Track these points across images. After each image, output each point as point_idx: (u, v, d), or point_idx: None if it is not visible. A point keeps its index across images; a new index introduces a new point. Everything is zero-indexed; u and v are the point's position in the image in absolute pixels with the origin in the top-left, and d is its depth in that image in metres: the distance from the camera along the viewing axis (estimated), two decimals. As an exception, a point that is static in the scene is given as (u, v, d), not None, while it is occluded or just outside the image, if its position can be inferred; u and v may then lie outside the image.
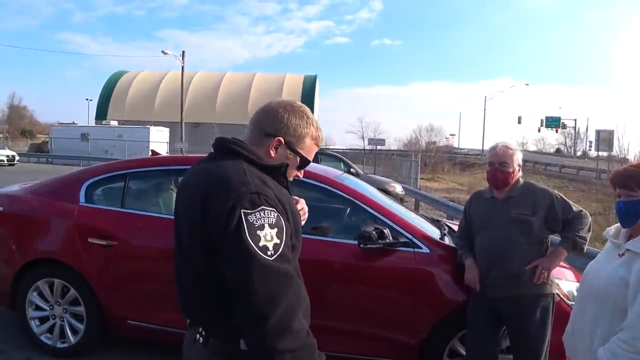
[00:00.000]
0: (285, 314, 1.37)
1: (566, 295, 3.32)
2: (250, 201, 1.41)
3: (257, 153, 1.58)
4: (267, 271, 1.37)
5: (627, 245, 2.04)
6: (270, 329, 1.35)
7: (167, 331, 3.62)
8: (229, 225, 1.39)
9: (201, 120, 41.72)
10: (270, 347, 1.35)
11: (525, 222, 2.91)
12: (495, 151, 3.01)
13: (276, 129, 1.61)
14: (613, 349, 1.94)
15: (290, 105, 1.65)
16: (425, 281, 3.38)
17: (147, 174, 4.21)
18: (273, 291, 1.37)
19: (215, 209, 1.42)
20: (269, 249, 1.38)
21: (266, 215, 1.41)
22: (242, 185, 1.44)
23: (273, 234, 1.40)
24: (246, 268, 1.37)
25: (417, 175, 23.52)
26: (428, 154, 43.14)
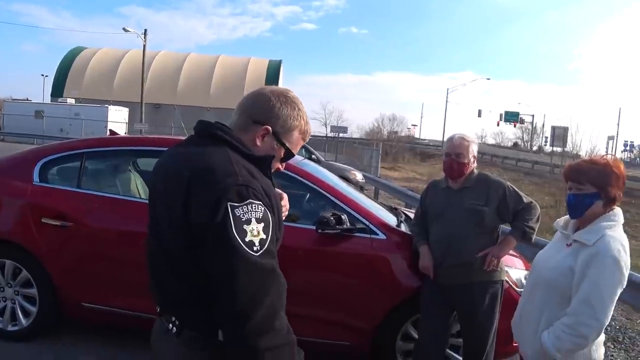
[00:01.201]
0: (268, 313, 1.34)
1: (515, 282, 3.45)
2: (238, 194, 1.34)
3: (243, 141, 1.51)
4: (253, 268, 1.33)
5: (575, 236, 2.14)
6: (253, 328, 1.32)
7: (124, 314, 3.60)
8: (214, 218, 1.32)
9: (162, 101, 40.83)
10: (251, 346, 1.32)
11: (478, 212, 3.00)
12: (452, 142, 3.09)
13: (266, 118, 1.54)
14: (557, 333, 2.05)
15: (284, 95, 1.58)
16: (381, 267, 3.46)
17: (105, 154, 4.12)
18: (257, 289, 1.33)
19: (199, 200, 1.36)
20: (255, 245, 1.33)
21: (253, 209, 1.35)
22: (229, 176, 1.37)
23: (260, 229, 1.35)
24: (231, 264, 1.32)
25: (377, 164, 23.76)
26: (389, 144, 43.49)
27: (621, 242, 2.04)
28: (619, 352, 4.73)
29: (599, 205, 2.11)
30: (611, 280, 1.99)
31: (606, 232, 2.06)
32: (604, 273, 1.98)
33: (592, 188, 2.11)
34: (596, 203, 2.11)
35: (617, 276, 1.99)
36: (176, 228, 1.41)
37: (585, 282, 2.01)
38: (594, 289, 1.99)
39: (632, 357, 4.64)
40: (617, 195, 2.12)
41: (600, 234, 2.05)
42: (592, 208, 2.12)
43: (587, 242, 2.06)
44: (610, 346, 4.81)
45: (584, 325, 2.00)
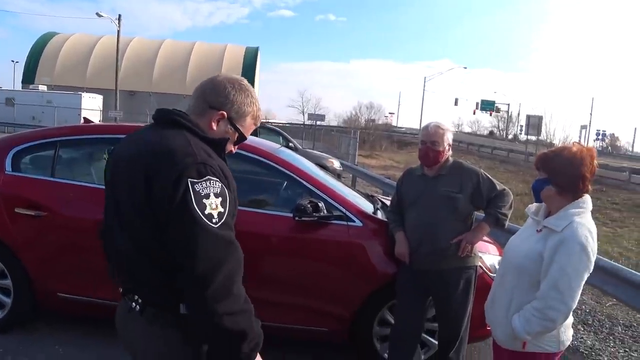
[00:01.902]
0: (226, 280, 1.43)
1: (489, 268, 3.53)
2: (197, 171, 1.45)
3: (199, 124, 1.61)
4: (212, 238, 1.42)
5: (544, 223, 2.19)
6: (212, 293, 1.41)
7: (100, 304, 3.57)
8: (175, 194, 1.42)
9: (137, 88, 40.22)
10: (211, 310, 1.41)
11: (453, 199, 3.06)
12: (427, 130, 3.13)
13: (221, 103, 1.64)
14: (527, 316, 2.12)
15: (238, 83, 1.68)
16: (358, 254, 3.50)
17: (80, 142, 4.05)
18: (217, 257, 1.43)
19: (161, 180, 1.44)
20: (214, 217, 1.43)
21: (212, 185, 1.45)
22: (188, 155, 1.47)
23: (218, 203, 1.45)
24: (192, 235, 1.42)
25: (355, 152, 23.81)
26: (367, 132, 43.65)
27: (589, 229, 2.10)
28: (589, 334, 4.88)
29: (551, 190, 2.18)
30: (578, 265, 2.04)
31: (574, 219, 2.11)
32: (571, 259, 2.04)
33: (543, 174, 2.21)
34: (547, 188, 2.18)
35: (584, 262, 2.05)
36: (139, 209, 1.49)
37: (553, 268, 2.07)
38: (561, 274, 2.05)
39: (600, 339, 4.79)
40: (574, 182, 2.15)
41: (568, 221, 2.11)
42: (543, 192, 2.20)
43: (556, 228, 2.12)
44: (580, 329, 4.95)
45: (552, 309, 2.06)
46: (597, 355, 4.41)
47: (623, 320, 5.30)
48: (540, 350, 2.19)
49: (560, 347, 2.22)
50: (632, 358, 4.43)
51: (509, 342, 2.23)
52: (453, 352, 3.18)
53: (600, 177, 19.11)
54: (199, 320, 1.47)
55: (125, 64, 38.59)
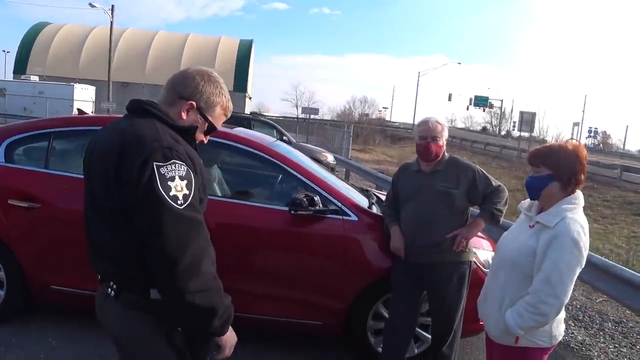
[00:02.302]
0: (194, 258, 1.50)
1: (482, 263, 3.55)
2: (163, 155, 1.51)
3: (169, 114, 1.69)
4: (177, 218, 1.48)
5: (537, 218, 2.22)
6: (181, 271, 1.47)
7: (94, 296, 3.56)
8: (142, 177, 1.48)
9: (130, 79, 39.93)
10: (181, 288, 1.48)
11: (449, 195, 3.07)
12: (428, 125, 3.11)
13: (190, 93, 1.71)
14: (520, 311, 2.14)
15: (207, 74, 1.75)
16: (353, 248, 3.51)
17: (73, 133, 4.02)
18: (183, 236, 1.49)
19: (128, 164, 1.50)
20: (179, 199, 1.49)
21: (177, 168, 1.51)
22: (155, 140, 1.53)
23: (183, 185, 1.51)
24: (158, 215, 1.47)
25: (348, 146, 23.84)
26: (360, 126, 43.63)
27: (581, 224, 2.12)
28: (579, 329, 4.93)
29: (555, 187, 2.18)
30: (570, 260, 2.07)
31: (567, 215, 2.13)
32: (563, 254, 2.06)
33: (546, 170, 2.19)
34: (551, 185, 2.18)
35: (576, 257, 2.07)
36: (111, 194, 1.55)
37: (546, 263, 2.09)
38: (554, 269, 2.07)
39: (591, 335, 4.84)
40: (573, 178, 2.18)
41: (561, 216, 2.13)
42: (547, 189, 2.19)
43: (549, 223, 2.14)
44: (571, 324, 5.00)
45: (545, 304, 2.08)
46: (587, 350, 4.46)
47: (613, 316, 5.36)
48: (532, 345, 2.22)
49: (552, 342, 2.24)
50: (622, 353, 4.49)
51: (502, 337, 2.25)
52: (446, 346, 3.21)
53: (591, 174, 19.23)
54: (170, 299, 1.53)
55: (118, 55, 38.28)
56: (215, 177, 3.82)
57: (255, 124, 14.48)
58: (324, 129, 34.58)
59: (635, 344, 4.71)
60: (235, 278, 3.46)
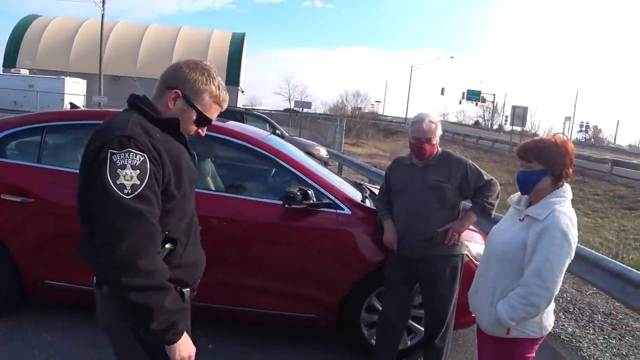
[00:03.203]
0: (130, 251, 1.46)
1: (474, 256, 3.58)
2: (119, 142, 1.51)
3: (155, 106, 1.70)
4: (119, 207, 1.46)
5: (527, 211, 2.25)
6: (113, 262, 1.46)
7: (87, 291, 3.56)
8: (95, 161, 1.51)
9: (122, 73, 39.65)
10: (113, 280, 1.48)
11: (441, 188, 3.10)
12: (422, 126, 3.08)
13: (176, 82, 1.70)
14: (511, 303, 2.17)
15: (194, 63, 1.74)
16: (347, 241, 3.53)
17: (66, 128, 4.01)
18: (121, 226, 1.46)
19: (90, 148, 1.56)
20: (126, 188, 1.47)
21: (131, 157, 1.50)
22: (118, 129, 1.55)
23: (134, 175, 1.49)
24: (100, 201, 1.48)
25: (341, 140, 23.87)
26: (353, 120, 43.63)
27: (569, 217, 2.16)
28: (570, 321, 4.99)
29: (547, 182, 2.22)
30: (560, 252, 2.11)
31: (556, 208, 2.17)
32: (553, 246, 2.10)
33: (539, 165, 2.22)
34: (544, 179, 2.22)
35: (565, 248, 2.11)
36: (82, 179, 1.59)
37: (536, 255, 2.13)
38: (544, 261, 2.11)
39: (581, 327, 4.90)
40: (563, 172, 2.22)
41: (550, 209, 2.17)
42: (540, 184, 2.22)
43: (538, 216, 2.17)
44: (562, 316, 5.06)
45: (536, 295, 2.12)
46: (577, 342, 4.52)
47: (603, 308, 5.42)
48: (523, 336, 2.26)
49: (542, 333, 2.28)
50: (611, 344, 4.55)
51: (493, 329, 2.29)
52: (439, 338, 3.24)
53: (582, 168, 19.34)
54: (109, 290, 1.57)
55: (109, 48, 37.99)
56: (208, 171, 3.82)
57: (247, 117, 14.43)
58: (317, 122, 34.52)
59: (624, 336, 4.78)
60: (229, 271, 3.48)
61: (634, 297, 3.73)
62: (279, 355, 3.59)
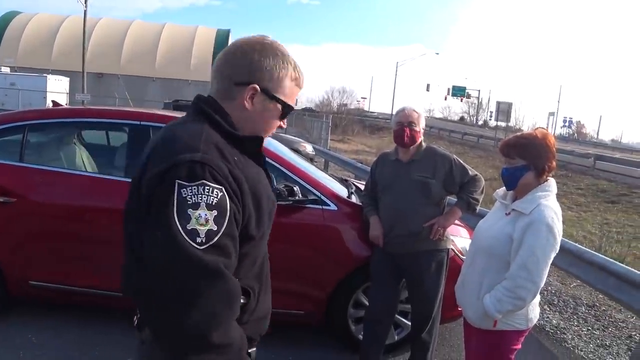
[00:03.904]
0: (203, 322, 1.10)
1: (460, 250, 3.61)
2: (189, 171, 1.13)
3: (228, 115, 1.31)
4: (189, 263, 1.09)
5: (513, 206, 2.29)
6: (181, 335, 1.11)
7: (73, 291, 3.54)
8: (156, 193, 1.14)
9: (105, 70, 39.16)
10: (178, 356, 1.14)
11: (426, 184, 3.11)
12: (404, 112, 3.16)
13: (249, 76, 1.31)
14: (498, 296, 2.20)
15: (260, 43, 1.33)
16: (333, 237, 3.54)
17: (48, 126, 3.98)
18: (192, 288, 1.09)
19: (150, 171, 1.18)
20: (199, 235, 1.10)
21: (206, 193, 1.12)
22: (187, 149, 1.16)
23: (210, 218, 1.11)
24: (163, 251, 1.10)
25: (327, 136, 23.86)
26: (339, 116, 43.62)
27: (554, 211, 2.20)
28: (554, 314, 5.06)
29: (531, 177, 2.26)
30: (545, 245, 2.14)
31: (541, 202, 2.21)
32: (538, 239, 2.14)
33: (521, 161, 2.26)
34: (527, 174, 2.25)
35: (550, 242, 2.15)
36: (133, 202, 1.24)
37: (522, 249, 2.17)
38: (530, 254, 2.14)
39: (565, 319, 4.97)
40: (547, 166, 2.26)
41: (535, 204, 2.20)
42: (523, 179, 2.26)
43: (524, 211, 2.21)
44: (547, 309, 5.12)
45: (522, 288, 2.16)
46: (562, 333, 4.58)
47: (586, 300, 5.50)
48: (510, 328, 2.29)
49: (528, 325, 2.32)
50: (594, 336, 4.62)
51: (481, 321, 2.32)
52: (425, 332, 3.26)
53: (566, 163, 19.56)
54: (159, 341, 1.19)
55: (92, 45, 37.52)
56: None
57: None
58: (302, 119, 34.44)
59: (608, 327, 4.86)
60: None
61: (617, 289, 3.79)
62: (265, 351, 3.58)
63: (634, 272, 3.71)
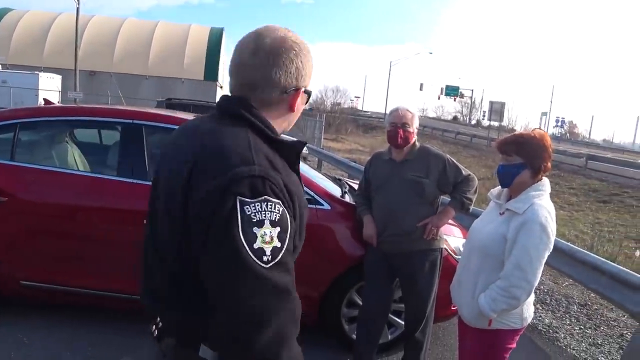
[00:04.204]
0: (274, 341, 1.08)
1: (453, 250, 3.62)
2: (251, 187, 1.08)
3: (268, 122, 1.24)
4: (259, 283, 1.06)
5: (507, 205, 2.30)
6: (251, 357, 1.07)
7: (64, 291, 3.52)
8: (217, 213, 1.07)
9: (97, 68, 38.95)
10: None
11: (419, 183, 3.11)
12: (398, 113, 3.16)
13: (297, 81, 1.27)
14: (492, 295, 2.22)
15: (298, 45, 1.28)
16: (326, 236, 3.53)
17: (40, 124, 3.94)
18: (263, 309, 1.07)
19: (203, 187, 1.10)
20: (265, 254, 1.07)
21: (269, 209, 1.08)
22: (244, 162, 1.10)
23: (274, 235, 1.08)
24: (233, 275, 1.06)
25: (321, 135, 23.85)
26: (333, 115, 43.63)
27: (548, 210, 2.21)
28: (547, 312, 5.08)
29: (527, 175, 2.27)
30: (539, 244, 2.16)
31: (535, 201, 2.22)
32: (532, 238, 2.15)
33: (519, 159, 2.27)
34: (523, 172, 2.27)
35: (544, 241, 2.16)
36: (173, 221, 1.17)
37: (516, 248, 2.18)
38: (524, 253, 2.16)
39: (558, 317, 5.00)
40: (542, 166, 2.28)
41: (529, 203, 2.22)
42: (519, 177, 2.27)
43: (518, 210, 2.22)
44: (539, 307, 5.15)
45: (516, 287, 2.17)
46: (554, 332, 4.60)
47: (578, 299, 5.53)
48: (505, 327, 2.30)
49: (523, 323, 2.34)
50: (587, 334, 4.64)
51: (476, 321, 2.33)
52: (419, 332, 3.27)
53: (558, 162, 19.66)
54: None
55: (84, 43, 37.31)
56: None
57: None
58: (296, 118, 34.48)
59: (599, 325, 4.89)
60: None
61: (609, 288, 3.81)
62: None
63: (626, 272, 3.74)
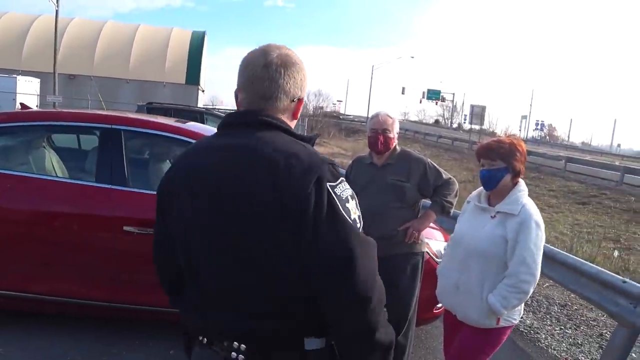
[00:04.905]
0: (381, 289, 1.30)
1: (435, 253, 3.64)
2: (331, 172, 1.26)
3: (289, 124, 1.41)
4: (366, 245, 1.26)
5: (498, 208, 2.43)
6: (373, 307, 1.26)
7: (40, 299, 3.45)
8: (319, 201, 1.21)
9: (77, 72, 38.47)
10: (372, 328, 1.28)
11: (400, 187, 3.12)
12: (378, 119, 3.17)
13: (300, 90, 1.43)
14: (502, 293, 2.34)
15: (299, 60, 1.44)
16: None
17: (17, 129, 3.86)
18: (372, 266, 1.27)
19: (294, 186, 1.21)
20: (358, 222, 1.28)
21: (346, 187, 1.29)
22: (315, 157, 1.28)
23: (354, 206, 1.29)
24: (350, 246, 1.22)
25: (304, 139, 23.84)
26: (315, 119, 43.64)
27: (535, 207, 2.41)
28: (528, 313, 5.13)
29: (508, 178, 2.43)
30: (537, 240, 2.34)
31: (524, 201, 2.39)
32: (531, 235, 2.33)
33: (502, 163, 2.41)
34: (506, 176, 2.42)
35: (540, 235, 2.36)
36: (265, 229, 1.23)
37: (518, 246, 2.33)
38: (527, 250, 2.32)
39: (539, 318, 5.05)
40: (521, 169, 2.45)
41: (520, 204, 2.39)
42: (503, 180, 2.42)
43: (513, 212, 2.38)
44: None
45: (524, 282, 2.33)
46: (535, 333, 4.65)
47: (559, 300, 5.60)
48: (508, 324, 2.47)
49: (518, 318, 2.54)
50: (567, 334, 4.70)
51: (484, 321, 2.42)
52: (402, 335, 3.26)
53: (538, 165, 19.93)
54: (356, 342, 1.28)
55: (64, 46, 36.84)
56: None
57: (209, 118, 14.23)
58: (279, 122, 34.51)
59: (579, 325, 4.95)
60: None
61: (588, 288, 3.86)
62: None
63: (605, 273, 3.80)
